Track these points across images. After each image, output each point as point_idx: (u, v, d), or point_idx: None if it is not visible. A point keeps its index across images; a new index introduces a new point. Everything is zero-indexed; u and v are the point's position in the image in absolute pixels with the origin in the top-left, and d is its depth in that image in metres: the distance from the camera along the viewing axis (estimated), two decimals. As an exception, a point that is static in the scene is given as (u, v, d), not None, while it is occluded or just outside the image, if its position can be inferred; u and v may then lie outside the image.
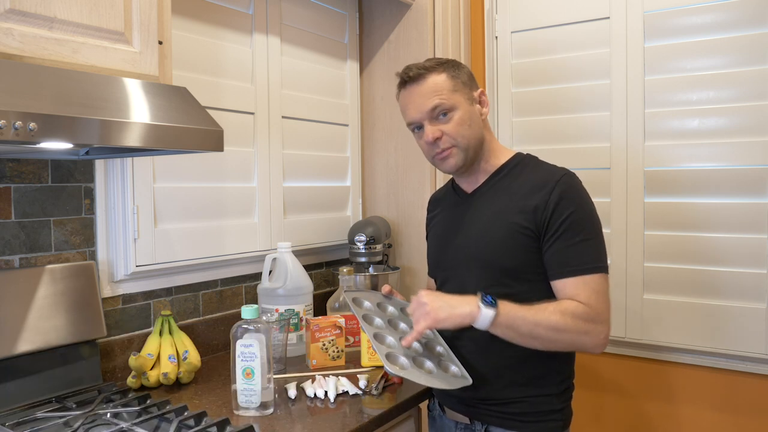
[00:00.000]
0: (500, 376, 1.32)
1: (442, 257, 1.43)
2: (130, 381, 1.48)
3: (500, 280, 1.30)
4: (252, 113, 1.92)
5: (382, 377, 1.51)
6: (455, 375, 1.28)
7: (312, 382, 1.49)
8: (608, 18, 2.07)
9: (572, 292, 1.23)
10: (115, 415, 1.28)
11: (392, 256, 2.32)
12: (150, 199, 1.62)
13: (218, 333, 1.82)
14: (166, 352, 1.52)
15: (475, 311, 1.18)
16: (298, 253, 1.97)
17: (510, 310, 1.20)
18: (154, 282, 1.66)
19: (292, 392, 1.44)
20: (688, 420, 2.01)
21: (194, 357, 1.54)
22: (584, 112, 2.14)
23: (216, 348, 1.82)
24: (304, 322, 1.74)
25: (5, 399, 1.31)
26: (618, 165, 2.06)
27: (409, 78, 1.34)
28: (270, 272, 1.82)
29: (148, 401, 1.35)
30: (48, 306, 1.38)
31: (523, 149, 1.53)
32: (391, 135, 2.32)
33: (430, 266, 1.52)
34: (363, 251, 2.12)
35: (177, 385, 1.52)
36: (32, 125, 0.91)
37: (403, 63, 2.26)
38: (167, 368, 1.49)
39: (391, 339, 1.31)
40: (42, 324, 1.36)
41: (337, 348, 1.68)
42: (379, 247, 2.14)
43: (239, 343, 1.30)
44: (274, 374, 1.48)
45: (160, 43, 1.25)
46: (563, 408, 1.35)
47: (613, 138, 2.07)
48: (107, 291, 1.55)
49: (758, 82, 1.84)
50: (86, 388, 1.43)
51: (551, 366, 1.32)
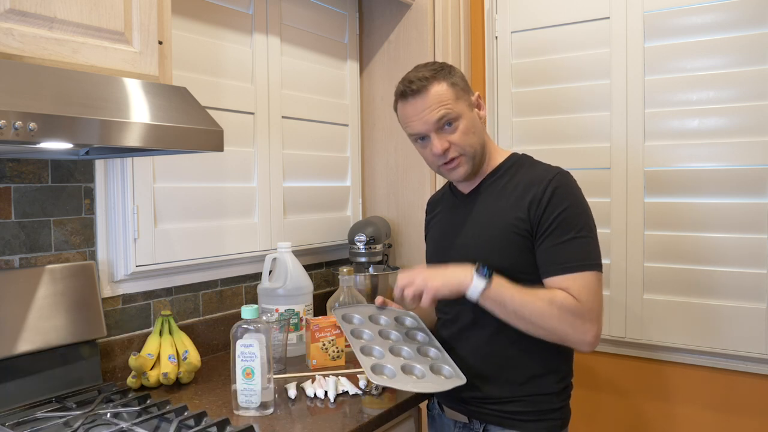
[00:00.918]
0: (498, 376, 1.32)
1: (441, 258, 1.44)
2: (130, 381, 1.48)
3: None
4: (252, 113, 1.92)
5: (382, 377, 1.51)
6: (447, 376, 1.27)
7: (312, 382, 1.49)
8: (608, 18, 2.07)
9: (563, 288, 1.23)
10: (115, 415, 1.28)
11: (392, 256, 2.32)
12: (150, 199, 1.62)
13: (218, 333, 1.82)
14: (166, 352, 1.52)
15: (468, 280, 1.20)
16: (298, 253, 1.97)
17: (501, 286, 1.21)
18: (154, 282, 1.66)
19: (292, 392, 1.44)
20: (688, 420, 2.01)
21: (194, 357, 1.54)
22: (584, 112, 2.14)
23: (216, 348, 1.82)
24: (304, 322, 1.74)
25: (5, 399, 1.31)
26: (618, 165, 2.06)
27: (412, 91, 1.31)
28: (270, 272, 1.82)
29: (148, 401, 1.35)
30: (48, 306, 1.38)
31: (524, 149, 1.53)
32: (391, 135, 2.32)
33: (427, 265, 1.52)
34: (363, 251, 2.12)
35: (177, 385, 1.52)
36: (32, 125, 0.91)
37: (403, 63, 2.28)
38: (167, 368, 1.49)
39: (379, 349, 1.30)
40: (42, 324, 1.36)
41: (337, 348, 1.68)
42: (379, 247, 2.14)
43: (239, 343, 1.30)
44: (274, 374, 1.48)
45: (160, 43, 1.25)
46: (562, 407, 1.35)
47: (613, 138, 2.07)
48: (107, 291, 1.55)
49: (758, 82, 1.84)
50: (86, 388, 1.43)
51: (550, 365, 1.33)
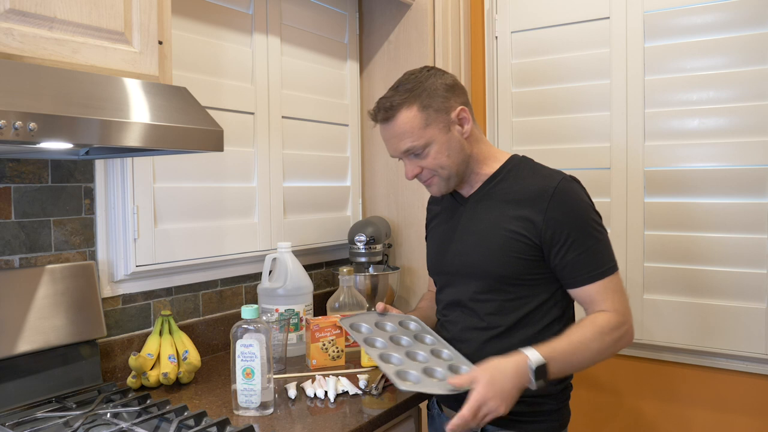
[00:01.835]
0: None
1: (441, 263, 1.44)
2: (130, 381, 1.48)
3: (497, 287, 1.31)
4: (252, 113, 1.92)
5: (382, 377, 1.51)
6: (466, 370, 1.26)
7: (312, 382, 1.49)
8: (608, 18, 2.08)
9: (596, 299, 1.26)
10: (115, 415, 1.28)
11: (392, 256, 2.32)
12: (150, 199, 1.62)
13: (218, 333, 1.82)
14: (166, 352, 1.52)
15: (526, 383, 1.16)
16: (298, 253, 1.97)
17: (556, 366, 1.18)
18: (154, 282, 1.66)
19: (292, 392, 1.44)
20: (688, 420, 2.01)
21: (194, 357, 1.54)
22: (584, 112, 2.14)
23: (216, 348, 1.82)
24: (304, 322, 1.74)
25: (5, 399, 1.31)
26: (618, 165, 2.06)
27: (379, 119, 1.32)
28: (270, 272, 1.82)
29: (148, 401, 1.35)
30: (48, 306, 1.38)
31: (523, 149, 1.53)
32: (391, 135, 2.32)
33: (430, 270, 1.52)
34: (363, 251, 2.12)
35: (177, 385, 1.52)
36: (32, 125, 0.91)
37: (403, 63, 2.28)
38: (167, 368, 1.49)
39: (397, 356, 1.29)
40: (42, 324, 1.36)
41: (337, 348, 1.68)
42: (379, 247, 2.14)
43: (239, 343, 1.30)
44: (274, 374, 1.48)
45: (160, 43, 1.25)
46: (561, 408, 1.35)
47: (613, 138, 2.07)
48: (107, 291, 1.55)
49: (758, 82, 1.84)
50: (86, 388, 1.43)
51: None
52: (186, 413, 1.27)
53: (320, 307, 2.05)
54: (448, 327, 1.41)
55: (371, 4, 2.35)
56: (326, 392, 1.43)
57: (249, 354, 1.29)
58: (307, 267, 1.98)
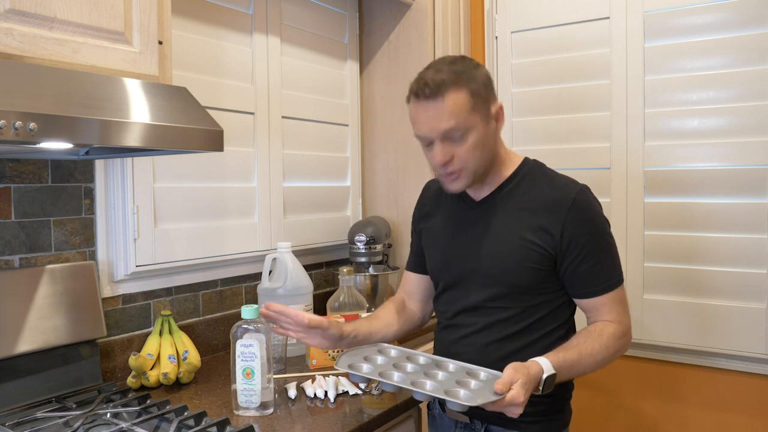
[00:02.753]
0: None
1: (446, 266, 1.39)
2: (130, 381, 1.48)
3: (509, 296, 1.29)
4: (252, 113, 1.92)
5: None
6: (490, 378, 1.17)
7: (312, 382, 1.49)
8: (608, 18, 2.08)
9: (601, 310, 1.28)
10: (115, 415, 1.28)
11: (392, 256, 2.32)
12: (150, 199, 1.62)
13: (218, 333, 1.82)
14: (166, 352, 1.52)
15: (535, 390, 1.15)
16: (298, 253, 1.97)
17: (563, 375, 1.18)
18: (154, 282, 1.66)
19: (292, 392, 1.44)
20: (688, 420, 2.01)
21: (194, 357, 1.54)
22: (584, 112, 2.14)
23: (216, 348, 1.82)
24: (304, 322, 1.74)
25: (5, 399, 1.31)
26: (618, 165, 2.06)
27: (425, 95, 1.20)
28: (270, 272, 1.82)
29: (148, 401, 1.35)
30: (48, 306, 1.38)
31: (523, 149, 1.53)
32: (391, 135, 2.32)
33: (431, 272, 1.45)
34: (363, 251, 2.12)
35: (177, 385, 1.52)
36: (32, 125, 0.91)
37: (403, 63, 2.29)
38: (167, 368, 1.49)
39: (430, 382, 1.15)
40: (42, 324, 1.36)
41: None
42: (379, 247, 2.14)
43: (239, 343, 1.30)
44: (274, 374, 1.48)
45: (160, 43, 1.25)
46: (563, 408, 1.35)
47: (613, 138, 2.07)
48: (107, 291, 1.55)
49: (758, 82, 1.84)
50: (86, 388, 1.43)
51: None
52: (186, 413, 1.27)
53: (320, 307, 2.05)
54: (450, 329, 1.38)
55: (371, 4, 2.35)
56: (326, 392, 1.43)
57: (249, 354, 1.29)
58: (307, 267, 1.98)
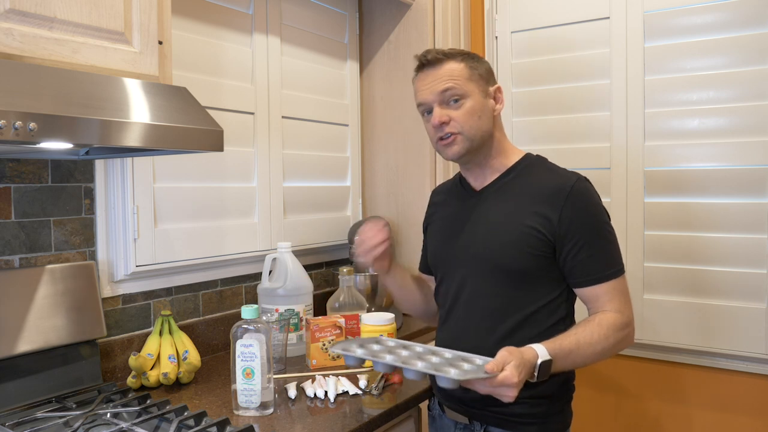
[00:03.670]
0: None
1: (444, 254, 1.42)
2: (130, 381, 1.48)
3: (505, 282, 1.30)
4: (252, 113, 1.92)
5: (382, 377, 1.51)
6: (485, 362, 1.13)
7: (312, 382, 1.49)
8: (608, 18, 2.08)
9: (602, 299, 1.27)
10: (115, 415, 1.28)
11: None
12: (150, 199, 1.62)
13: (218, 333, 1.82)
14: (166, 352, 1.52)
15: (530, 377, 1.15)
16: (298, 253, 1.97)
17: (560, 363, 1.18)
18: (154, 282, 1.66)
19: (292, 392, 1.44)
20: (688, 420, 2.01)
21: (194, 357, 1.54)
22: (584, 112, 2.14)
23: (216, 348, 1.82)
24: (304, 322, 1.74)
25: (5, 399, 1.31)
26: (618, 165, 2.06)
27: (427, 61, 1.33)
28: (270, 272, 1.82)
29: (148, 401, 1.35)
30: (48, 306, 1.38)
31: (523, 149, 1.53)
32: (391, 135, 2.32)
33: (431, 261, 1.49)
34: (363, 251, 2.12)
35: (177, 385, 1.52)
36: (32, 125, 0.91)
37: (403, 63, 2.29)
38: (167, 368, 1.49)
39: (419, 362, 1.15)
40: (42, 324, 1.36)
41: (337, 348, 1.68)
42: (379, 247, 2.14)
43: (239, 343, 1.30)
44: (274, 374, 1.48)
45: (160, 43, 1.25)
46: (563, 409, 1.34)
47: (613, 138, 2.07)
48: (107, 291, 1.55)
49: (758, 82, 1.84)
50: (86, 388, 1.43)
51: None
52: (186, 413, 1.27)
53: (320, 307, 2.05)
54: (450, 326, 1.40)
55: (371, 4, 2.35)
56: (326, 392, 1.43)
57: (249, 354, 1.29)
58: (307, 267, 1.98)
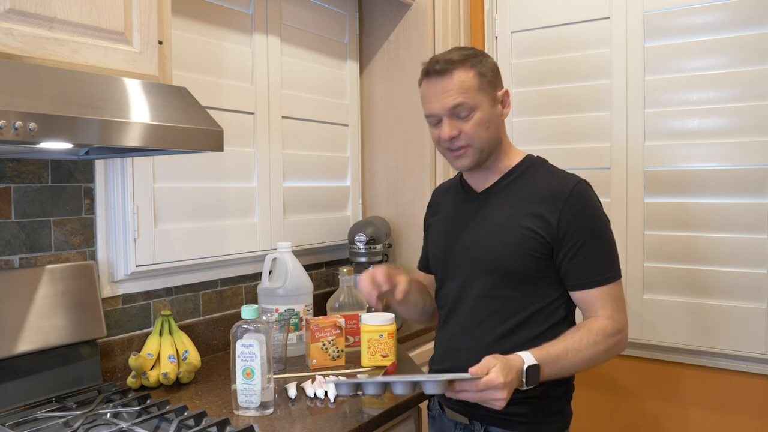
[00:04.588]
0: None
1: (445, 255, 1.42)
2: (130, 381, 1.48)
3: (506, 284, 1.30)
4: (252, 113, 1.92)
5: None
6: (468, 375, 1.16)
7: (312, 382, 1.49)
8: (608, 18, 2.08)
9: (595, 304, 1.27)
10: (115, 415, 1.28)
11: (392, 256, 2.32)
12: (150, 199, 1.62)
13: (218, 333, 1.82)
14: (166, 352, 1.52)
15: (519, 384, 1.15)
16: (298, 253, 1.97)
17: (548, 370, 1.18)
18: (154, 282, 1.66)
19: (292, 392, 1.44)
20: (688, 420, 2.01)
21: (194, 357, 1.54)
22: (584, 112, 2.14)
23: (216, 348, 1.82)
24: (304, 322, 1.74)
25: (5, 399, 1.31)
26: (618, 165, 2.06)
27: (435, 71, 1.30)
28: (270, 272, 1.82)
29: (148, 401, 1.35)
30: (48, 306, 1.38)
31: (523, 149, 1.53)
32: (391, 135, 2.32)
33: (431, 263, 1.50)
34: (363, 251, 2.12)
35: (177, 385, 1.52)
36: (32, 125, 0.91)
37: (403, 63, 2.29)
38: (167, 368, 1.49)
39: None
40: (42, 324, 1.36)
41: (337, 348, 1.68)
42: (379, 247, 2.14)
43: (239, 343, 1.30)
44: (274, 374, 1.48)
45: (160, 43, 1.25)
46: (563, 409, 1.35)
47: (613, 138, 2.07)
48: (107, 291, 1.55)
49: (758, 82, 1.84)
50: (86, 388, 1.43)
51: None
52: (186, 413, 1.27)
53: (320, 307, 2.05)
54: (451, 326, 1.40)
55: (371, 4, 2.35)
56: (326, 392, 1.43)
57: (249, 354, 1.29)
58: (307, 267, 1.98)
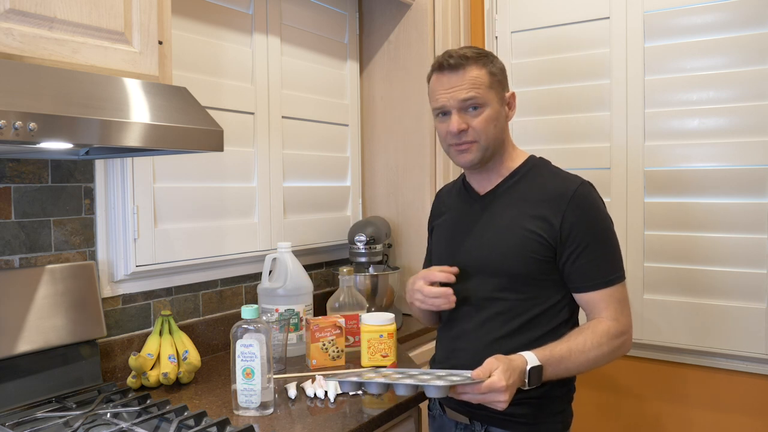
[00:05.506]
0: None
1: (450, 259, 1.41)
2: (130, 381, 1.48)
3: (511, 286, 1.30)
4: (252, 113, 1.92)
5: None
6: (469, 375, 1.18)
7: (312, 382, 1.49)
8: (608, 18, 2.08)
9: (600, 306, 1.27)
10: (115, 415, 1.28)
11: (392, 256, 2.32)
12: (150, 199, 1.62)
13: (218, 333, 1.82)
14: (166, 352, 1.52)
15: (521, 384, 1.17)
16: (298, 253, 1.97)
17: (551, 370, 1.20)
18: (154, 282, 1.66)
19: (292, 392, 1.44)
20: (688, 420, 2.01)
21: (194, 357, 1.54)
22: (584, 112, 2.14)
23: (216, 348, 1.82)
24: (304, 322, 1.74)
25: (5, 399, 1.31)
26: (618, 165, 2.06)
27: (449, 65, 1.30)
28: (270, 272, 1.82)
29: (148, 401, 1.35)
30: (48, 306, 1.38)
31: (524, 149, 1.53)
32: (391, 135, 2.32)
33: (436, 264, 1.47)
34: (363, 251, 2.12)
35: (177, 385, 1.52)
36: (32, 125, 0.91)
37: (403, 63, 2.29)
38: (167, 368, 1.49)
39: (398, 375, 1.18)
40: (42, 324, 1.36)
41: (337, 348, 1.68)
42: (379, 247, 2.14)
43: (239, 343, 1.30)
44: (274, 374, 1.48)
45: (160, 43, 1.25)
46: (564, 409, 1.35)
47: (613, 138, 2.07)
48: (107, 291, 1.55)
49: (758, 82, 1.84)
50: (86, 388, 1.43)
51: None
52: (186, 413, 1.27)
53: (320, 307, 2.05)
54: (452, 326, 1.40)
55: (371, 4, 2.35)
56: (326, 392, 1.43)
57: (249, 354, 1.29)
58: (307, 267, 1.98)
